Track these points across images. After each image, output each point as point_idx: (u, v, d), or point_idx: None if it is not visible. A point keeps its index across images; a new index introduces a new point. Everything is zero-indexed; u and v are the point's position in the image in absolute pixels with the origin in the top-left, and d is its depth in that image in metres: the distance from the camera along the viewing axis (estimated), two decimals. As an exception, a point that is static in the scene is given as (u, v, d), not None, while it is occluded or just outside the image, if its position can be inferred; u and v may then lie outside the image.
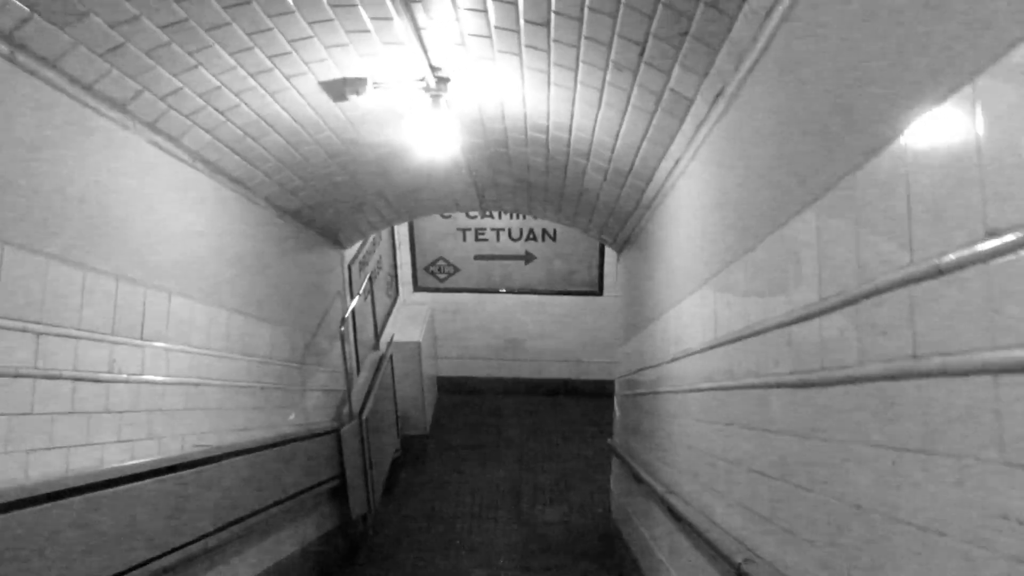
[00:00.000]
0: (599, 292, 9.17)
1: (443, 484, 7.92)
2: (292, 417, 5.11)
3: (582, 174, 4.62)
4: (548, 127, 3.98)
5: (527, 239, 9.02)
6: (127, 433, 3.11)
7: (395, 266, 8.94)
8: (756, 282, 2.28)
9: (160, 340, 3.36)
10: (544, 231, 8.96)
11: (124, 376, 3.07)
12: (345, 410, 5.89)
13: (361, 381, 6.33)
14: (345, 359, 5.65)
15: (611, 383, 9.70)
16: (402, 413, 8.75)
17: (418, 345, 8.44)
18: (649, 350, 4.81)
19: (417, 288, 9.35)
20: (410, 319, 8.96)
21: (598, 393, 9.58)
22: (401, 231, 9.04)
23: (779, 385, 2.04)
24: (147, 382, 3.25)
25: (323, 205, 5.27)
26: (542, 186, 5.19)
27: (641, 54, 2.75)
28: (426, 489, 7.73)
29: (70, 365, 2.73)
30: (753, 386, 2.31)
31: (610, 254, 8.91)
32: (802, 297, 1.83)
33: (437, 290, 9.34)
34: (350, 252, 6.65)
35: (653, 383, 4.63)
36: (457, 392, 9.83)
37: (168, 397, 3.44)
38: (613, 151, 3.98)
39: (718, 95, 2.65)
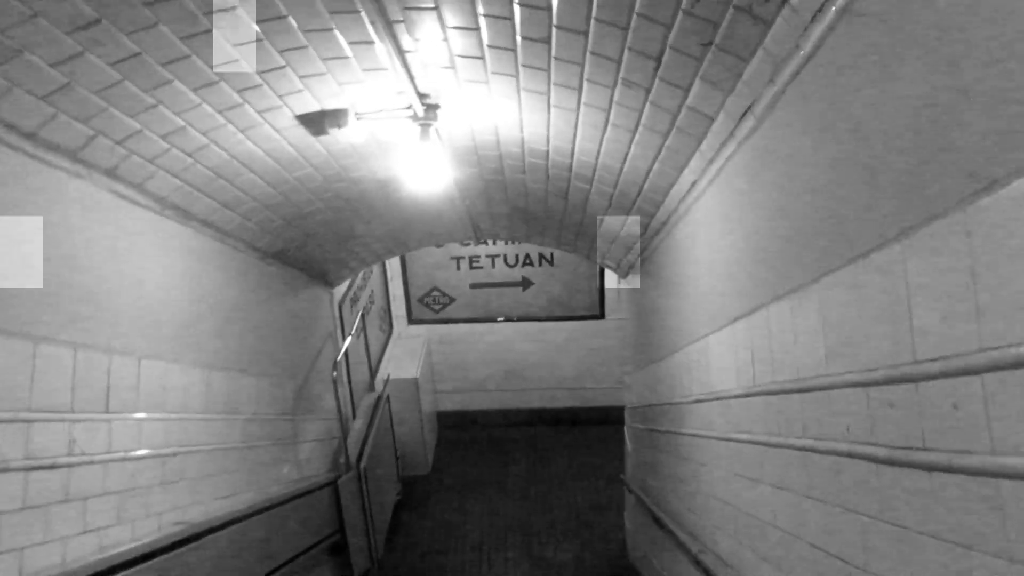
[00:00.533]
0: (601, 315, 8.85)
1: (448, 526, 7.53)
2: (285, 472, 4.75)
3: (584, 201, 4.31)
4: (548, 152, 3.67)
5: (523, 264, 8.70)
6: (94, 521, 2.76)
7: (388, 299, 8.61)
8: (811, 325, 1.96)
9: (129, 411, 3.01)
10: (541, 256, 8.65)
11: (87, 457, 2.72)
12: (342, 459, 5.52)
13: (358, 426, 5.97)
14: (339, 405, 5.29)
15: (617, 409, 9.36)
16: (402, 453, 8.38)
17: (415, 382, 8.09)
18: (667, 385, 4.47)
19: (412, 321, 9.01)
20: (406, 354, 8.61)
21: (603, 420, 9.24)
22: (393, 263, 8.71)
23: (854, 456, 1.71)
24: (115, 459, 2.90)
25: (308, 244, 4.95)
26: (541, 214, 4.88)
27: (656, 69, 2.44)
28: (431, 533, 7.34)
29: (20, 453, 2.38)
30: (812, 450, 1.98)
31: (611, 274, 8.60)
32: (891, 351, 1.50)
33: (433, 322, 9.00)
34: (340, 290, 6.31)
35: (673, 422, 4.30)
36: (458, 427, 9.46)
37: (141, 473, 3.09)
38: (619, 175, 3.67)
39: (747, 111, 2.34)
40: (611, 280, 8.64)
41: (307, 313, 5.47)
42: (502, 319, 8.94)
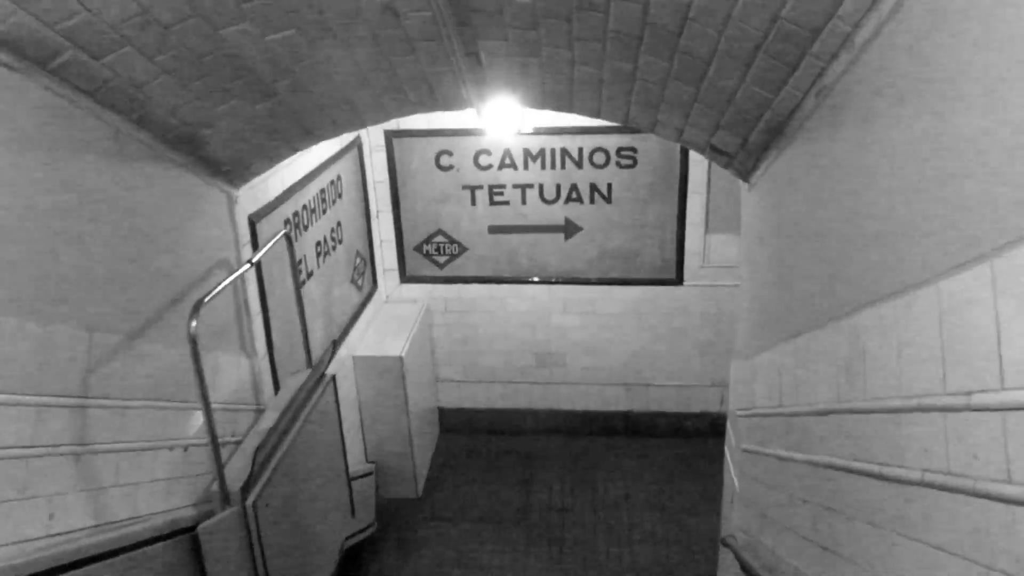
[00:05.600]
0: (678, 279, 6.32)
1: (435, 587, 5.17)
2: (55, 516, 2.39)
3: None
4: None
5: (568, 200, 6.21)
6: None
7: (370, 244, 6.22)
8: None
9: None
10: (594, 187, 6.15)
11: None
12: (214, 486, 3.15)
13: (264, 426, 3.58)
14: (202, 384, 2.90)
15: (696, 417, 6.81)
16: (380, 465, 6.00)
17: (399, 363, 5.69)
18: (855, 372, 1.99)
19: (406, 278, 6.61)
20: (392, 323, 6.22)
21: (675, 431, 6.73)
22: (381, 194, 6.32)
23: None
24: None
25: (183, 91, 2.60)
26: (601, 14, 2.42)
27: None
28: (406, 597, 4.98)
29: None
30: None
31: (695, 222, 6.06)
32: None
33: (435, 280, 6.59)
34: (251, 194, 3.94)
35: (884, 449, 1.82)
36: (466, 430, 7.04)
37: None
38: None
39: None
40: (694, 229, 6.11)
41: (170, 221, 3.11)
42: (535, 279, 6.48)
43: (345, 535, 4.51)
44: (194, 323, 2.87)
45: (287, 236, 3.93)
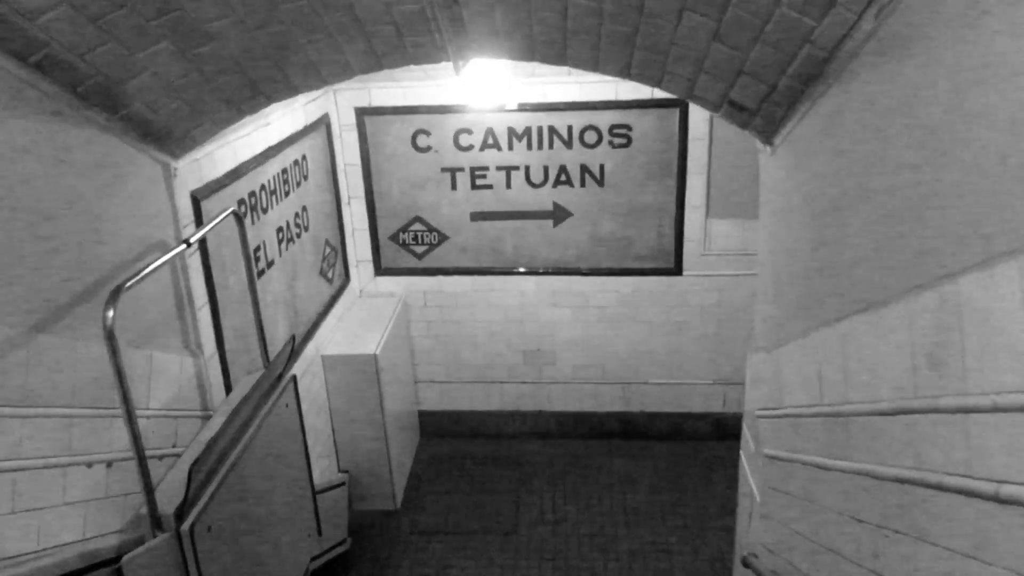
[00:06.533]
0: (676, 269, 5.86)
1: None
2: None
3: None
4: None
5: (557, 183, 5.74)
6: None
7: (341, 232, 5.72)
8: None
9: None
10: (585, 169, 5.68)
11: None
12: (143, 509, 2.64)
13: (205, 436, 3.07)
14: (123, 384, 2.40)
15: (697, 418, 6.35)
16: (354, 475, 5.50)
17: (374, 361, 5.19)
18: (944, 360, 1.52)
19: (381, 270, 6.11)
20: (366, 319, 5.73)
21: (675, 433, 6.28)
22: (353, 178, 5.82)
23: None
24: None
25: (93, 28, 2.10)
26: None
27: None
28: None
29: None
30: None
31: (695, 208, 5.61)
32: None
33: (413, 272, 6.09)
34: (195, 168, 3.43)
35: (997, 461, 1.35)
36: (448, 436, 6.55)
37: None
38: None
39: None
40: (695, 214, 5.66)
41: (87, 192, 2.61)
42: (521, 270, 6.00)
43: (311, 556, 4.01)
44: (111, 313, 2.36)
45: (236, 215, 3.42)
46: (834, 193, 2.35)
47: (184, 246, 2.89)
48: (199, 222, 3.42)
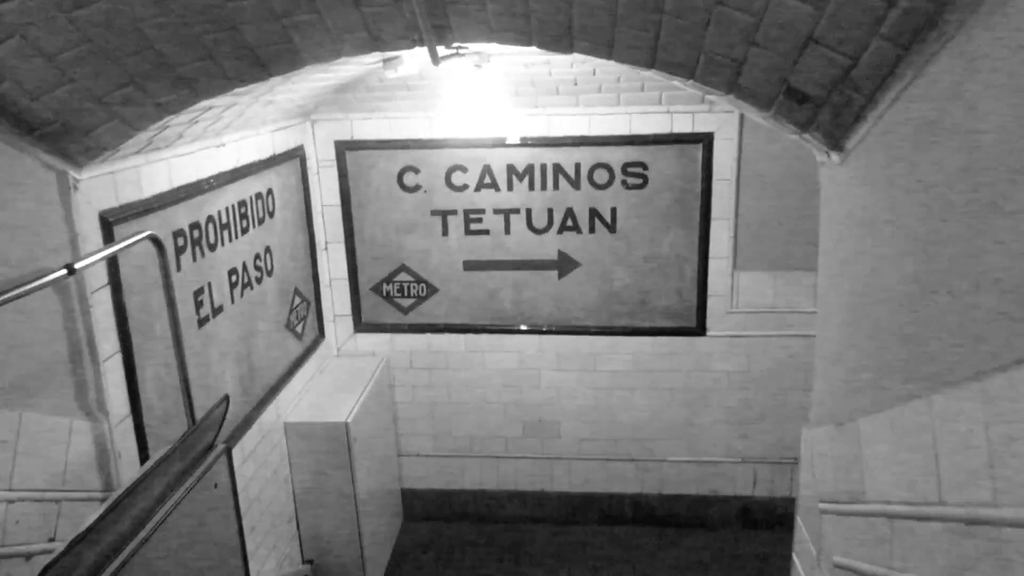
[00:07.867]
0: (700, 329, 5.14)
1: None
2: None
3: None
4: None
5: (562, 228, 5.08)
6: None
7: (316, 282, 5.04)
8: None
9: None
10: (595, 213, 5.02)
11: None
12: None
13: (83, 528, 2.31)
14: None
15: (722, 502, 5.53)
16: (320, 566, 4.70)
17: (344, 429, 4.45)
18: None
19: (362, 326, 5.40)
20: (340, 381, 5.00)
21: (697, 521, 5.46)
22: (332, 220, 5.18)
23: None
24: None
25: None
26: None
27: None
28: None
29: None
30: None
31: (720, 256, 4.93)
32: None
33: (398, 328, 5.38)
34: (108, 182, 2.78)
35: None
36: (436, 519, 5.73)
37: None
38: None
39: None
40: (720, 265, 4.99)
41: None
42: (522, 328, 5.29)
43: None
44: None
45: (156, 240, 2.74)
46: (956, 213, 1.66)
47: (64, 272, 2.20)
48: (110, 245, 2.73)
